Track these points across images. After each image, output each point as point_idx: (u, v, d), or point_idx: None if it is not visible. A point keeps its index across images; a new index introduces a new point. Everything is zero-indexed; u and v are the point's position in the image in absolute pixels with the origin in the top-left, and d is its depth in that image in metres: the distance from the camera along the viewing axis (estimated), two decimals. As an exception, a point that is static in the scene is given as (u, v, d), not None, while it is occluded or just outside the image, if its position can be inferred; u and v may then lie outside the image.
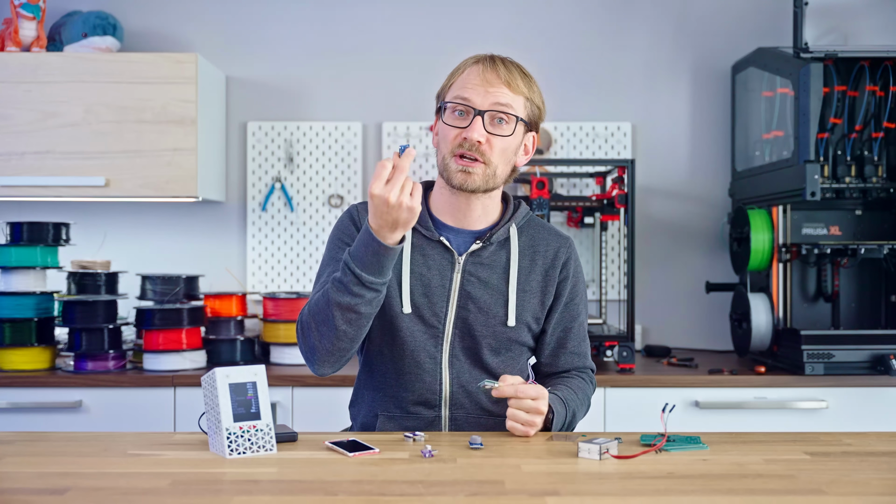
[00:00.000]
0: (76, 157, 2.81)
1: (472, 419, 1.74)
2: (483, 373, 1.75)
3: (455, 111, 1.71)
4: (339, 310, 1.60)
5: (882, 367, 2.56)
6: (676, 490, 1.28)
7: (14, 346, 2.66)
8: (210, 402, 1.49)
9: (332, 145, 3.19)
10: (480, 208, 1.77)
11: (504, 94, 1.70)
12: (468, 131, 1.68)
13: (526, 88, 1.73)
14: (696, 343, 3.18)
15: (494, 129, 1.70)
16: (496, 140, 1.70)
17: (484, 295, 1.74)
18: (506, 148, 1.72)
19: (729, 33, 3.20)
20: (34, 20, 2.89)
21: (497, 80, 1.70)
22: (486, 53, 1.76)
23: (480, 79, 1.70)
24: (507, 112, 1.70)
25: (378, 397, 1.77)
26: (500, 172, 1.73)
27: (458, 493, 1.25)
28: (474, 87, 1.69)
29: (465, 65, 1.74)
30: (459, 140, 1.69)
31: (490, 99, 1.69)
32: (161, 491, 1.27)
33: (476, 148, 1.68)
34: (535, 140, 1.80)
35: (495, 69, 1.71)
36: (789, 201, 2.70)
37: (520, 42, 3.21)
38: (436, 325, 1.73)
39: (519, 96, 1.72)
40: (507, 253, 1.77)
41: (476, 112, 1.68)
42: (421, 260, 1.75)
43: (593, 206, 2.89)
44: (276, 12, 3.21)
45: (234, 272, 3.18)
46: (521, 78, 1.73)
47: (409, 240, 1.75)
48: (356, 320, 1.62)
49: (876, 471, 1.39)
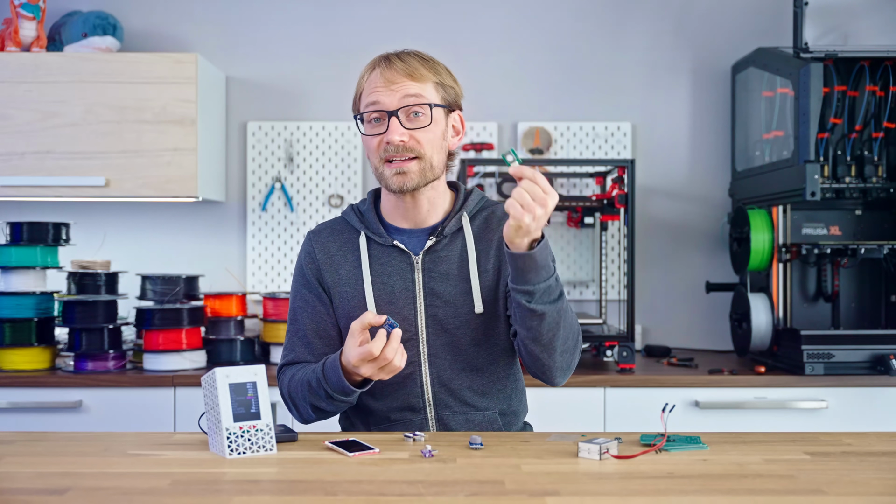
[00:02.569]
0: (76, 157, 2.81)
1: (458, 417, 1.73)
2: (465, 367, 1.73)
3: (371, 119, 1.71)
4: (318, 411, 1.71)
5: (882, 367, 2.56)
6: (676, 490, 1.28)
7: (14, 346, 2.66)
8: (210, 402, 1.49)
9: (332, 145, 3.19)
10: (427, 203, 1.75)
11: (410, 87, 1.68)
12: (387, 135, 1.67)
13: (430, 73, 1.71)
14: (696, 343, 3.18)
15: (412, 123, 1.69)
16: (419, 133, 1.68)
17: (448, 288, 1.72)
18: (432, 138, 1.70)
19: (729, 33, 3.20)
20: (34, 20, 2.89)
21: (398, 75, 1.69)
22: (380, 55, 1.74)
23: (383, 80, 1.69)
24: (419, 103, 1.68)
25: (363, 410, 1.78)
26: (437, 162, 1.72)
27: (458, 493, 1.25)
28: (379, 89, 1.69)
29: (366, 72, 1.74)
30: (383, 146, 1.68)
31: (398, 96, 1.68)
32: (161, 491, 1.27)
33: (402, 148, 1.67)
34: (461, 118, 1.78)
35: (392, 66, 1.70)
36: (789, 201, 2.70)
37: (520, 42, 3.22)
38: (407, 329, 1.72)
39: (426, 83, 1.70)
40: (462, 242, 1.75)
41: (389, 114, 1.67)
42: (380, 268, 1.74)
43: (593, 206, 2.89)
44: (276, 12, 3.22)
45: (234, 272, 3.18)
46: (421, 65, 1.71)
47: (365, 250, 1.76)
48: (334, 411, 1.72)
49: (876, 471, 1.39)
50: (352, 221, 1.80)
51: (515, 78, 3.20)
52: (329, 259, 1.78)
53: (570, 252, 3.17)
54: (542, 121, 3.20)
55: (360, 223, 1.78)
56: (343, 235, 1.80)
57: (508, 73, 3.21)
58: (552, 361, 1.65)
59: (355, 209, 1.82)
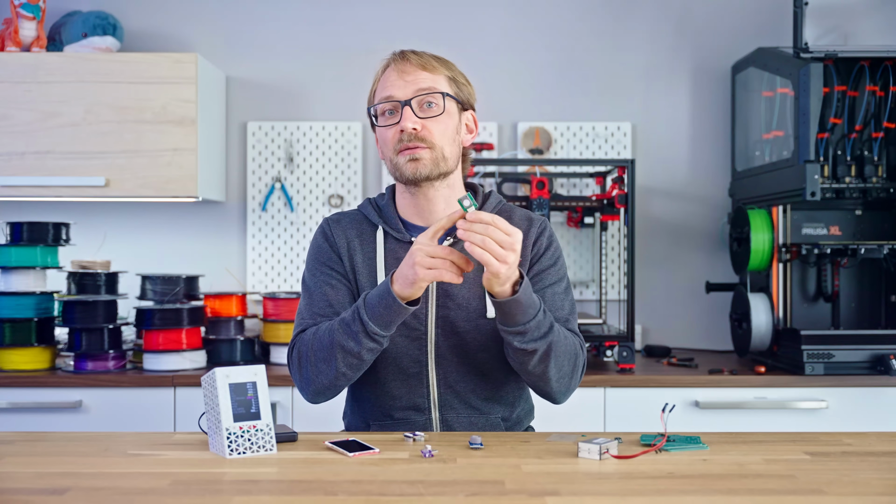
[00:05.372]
0: (76, 157, 2.81)
1: (462, 419, 1.73)
2: (472, 370, 1.73)
3: (385, 113, 1.71)
4: (342, 352, 1.61)
5: (882, 367, 2.56)
6: (676, 490, 1.28)
7: (14, 346, 2.67)
8: (210, 402, 1.49)
9: (332, 145, 3.19)
10: (443, 202, 1.75)
11: (423, 78, 1.69)
12: (401, 123, 1.68)
13: (443, 67, 1.73)
14: (696, 343, 3.18)
15: (425, 112, 1.69)
16: (431, 123, 1.69)
17: (461, 290, 1.72)
18: (444, 129, 1.70)
19: (729, 33, 3.20)
20: (34, 20, 2.89)
21: (412, 67, 1.70)
22: (394, 52, 1.75)
23: (396, 73, 1.70)
24: (432, 92, 1.69)
25: (367, 407, 1.77)
26: (449, 154, 1.71)
27: (458, 493, 1.25)
28: (393, 82, 1.70)
29: (380, 70, 1.75)
30: (397, 136, 1.69)
31: (411, 87, 1.69)
32: (161, 491, 1.27)
33: (414, 136, 1.67)
34: (474, 118, 1.79)
35: (406, 59, 1.71)
36: (789, 201, 2.70)
37: (520, 42, 3.22)
38: (417, 328, 1.71)
39: (439, 75, 1.71)
40: None
41: (403, 103, 1.68)
42: (395, 263, 1.73)
43: (593, 206, 2.89)
44: (276, 12, 3.21)
45: (234, 272, 3.18)
46: (435, 59, 1.73)
47: (382, 244, 1.75)
48: (357, 365, 1.63)
49: (876, 471, 1.39)
50: (369, 215, 1.79)
51: (515, 78, 3.20)
52: (347, 245, 1.77)
53: (570, 252, 3.17)
54: (542, 121, 3.20)
55: (378, 217, 1.78)
56: (360, 226, 1.79)
57: (508, 73, 3.21)
58: (549, 388, 1.68)
59: (373, 203, 1.81)
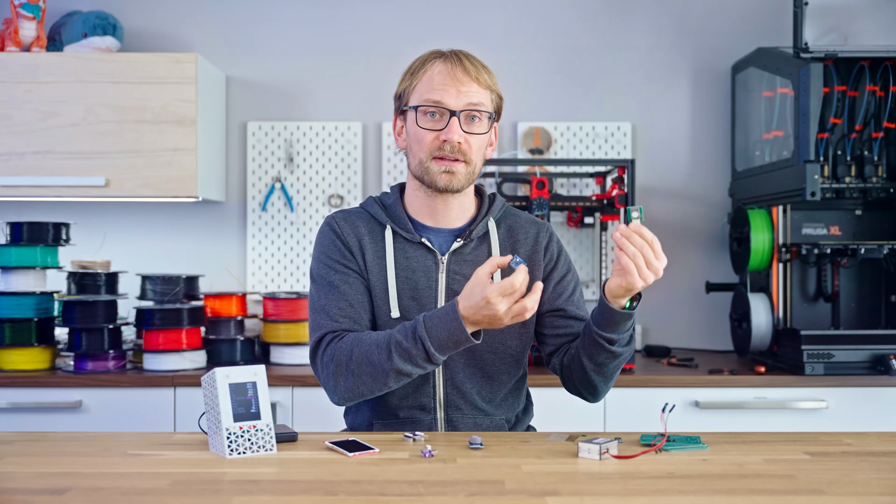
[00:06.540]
0: (76, 157, 2.81)
1: (468, 420, 1.73)
2: (478, 372, 1.74)
3: (427, 113, 1.70)
4: (396, 374, 1.60)
5: (882, 367, 2.56)
6: (676, 490, 1.28)
7: (14, 346, 2.66)
8: (210, 402, 1.49)
9: (332, 145, 3.19)
10: (457, 206, 1.77)
11: (476, 93, 1.69)
12: (447, 133, 1.67)
13: (491, 82, 1.73)
14: (696, 343, 3.18)
15: (470, 128, 1.70)
16: (473, 139, 1.70)
17: None
18: (481, 144, 1.73)
19: (729, 33, 3.20)
20: (34, 20, 2.89)
21: (467, 77, 1.69)
22: (446, 49, 1.74)
23: (450, 78, 1.68)
24: (481, 110, 1.70)
25: (372, 404, 1.76)
26: (478, 168, 1.74)
27: (458, 493, 1.25)
28: (445, 87, 1.68)
29: (428, 63, 1.72)
30: (438, 143, 1.68)
31: (464, 99, 1.68)
32: (161, 491, 1.27)
33: (457, 150, 1.68)
34: (496, 131, 1.80)
35: (463, 66, 1.70)
36: (789, 201, 2.70)
37: (520, 42, 3.22)
38: None
39: (487, 91, 1.72)
40: (487, 247, 1.76)
41: (452, 113, 1.67)
42: (405, 262, 1.73)
43: (593, 206, 2.89)
44: (277, 12, 3.21)
45: (234, 272, 3.18)
46: (485, 71, 1.73)
47: (391, 243, 1.74)
48: (405, 381, 1.64)
49: (876, 471, 1.39)
50: (375, 214, 1.78)
51: (515, 78, 3.20)
52: (359, 242, 1.75)
53: (570, 252, 3.17)
54: (542, 121, 3.20)
55: (386, 216, 1.77)
56: (369, 224, 1.77)
57: (508, 73, 3.20)
58: (606, 387, 1.75)
59: (378, 201, 1.80)
